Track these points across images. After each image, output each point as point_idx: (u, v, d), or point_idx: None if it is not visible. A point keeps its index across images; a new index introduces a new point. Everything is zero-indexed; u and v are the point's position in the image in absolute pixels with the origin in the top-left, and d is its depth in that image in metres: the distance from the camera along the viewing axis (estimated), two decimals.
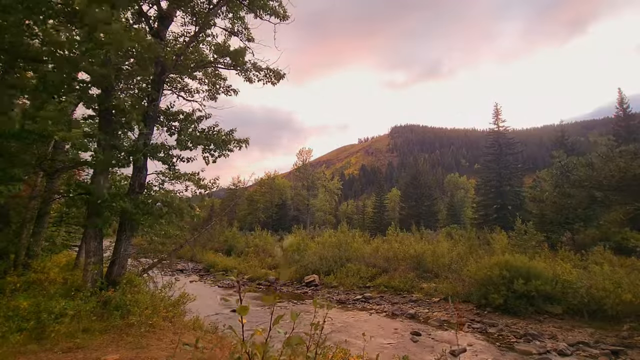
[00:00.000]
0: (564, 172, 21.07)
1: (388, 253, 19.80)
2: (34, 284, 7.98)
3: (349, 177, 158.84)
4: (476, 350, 8.98)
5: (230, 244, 31.81)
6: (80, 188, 7.97)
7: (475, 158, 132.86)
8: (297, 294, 17.04)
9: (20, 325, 5.69)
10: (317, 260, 20.19)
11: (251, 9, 9.43)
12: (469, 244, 19.99)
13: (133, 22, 8.88)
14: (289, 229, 44.11)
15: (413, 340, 9.75)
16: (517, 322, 11.05)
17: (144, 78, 8.46)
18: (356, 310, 13.51)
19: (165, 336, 6.41)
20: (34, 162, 7.80)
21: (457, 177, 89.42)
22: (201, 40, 9.62)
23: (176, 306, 8.35)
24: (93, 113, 8.57)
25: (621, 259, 15.06)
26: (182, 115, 9.60)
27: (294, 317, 1.15)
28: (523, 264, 12.36)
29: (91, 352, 5.31)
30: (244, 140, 9.62)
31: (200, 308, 10.34)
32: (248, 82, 9.78)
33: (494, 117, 37.78)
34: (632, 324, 9.92)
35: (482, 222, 34.22)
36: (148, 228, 8.70)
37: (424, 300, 14.33)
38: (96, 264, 7.59)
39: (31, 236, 9.59)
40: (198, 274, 23.28)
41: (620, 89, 36.36)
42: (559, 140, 39.22)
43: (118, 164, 7.87)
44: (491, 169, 36.60)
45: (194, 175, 9.00)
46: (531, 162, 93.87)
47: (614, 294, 10.58)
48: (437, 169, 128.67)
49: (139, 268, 9.95)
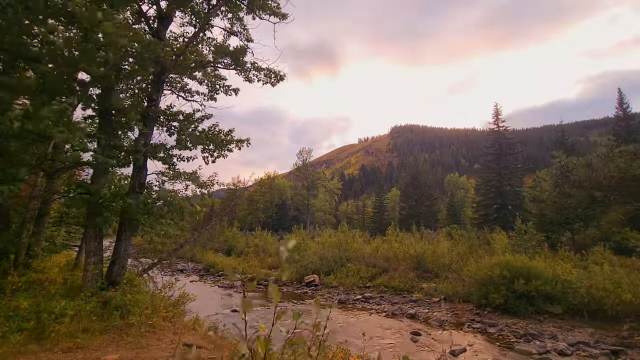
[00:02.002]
0: (563, 172, 21.06)
1: (388, 253, 19.80)
2: (34, 284, 7.97)
3: (349, 177, 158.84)
4: (476, 350, 8.98)
5: (230, 244, 31.82)
6: (80, 188, 7.96)
7: (475, 158, 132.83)
8: (297, 294, 17.03)
9: (21, 325, 5.69)
10: (317, 260, 20.19)
11: (250, 9, 9.43)
12: (469, 244, 19.99)
13: (133, 22, 8.88)
14: (289, 229, 44.11)
15: (413, 340, 9.74)
16: (517, 322, 11.05)
17: (144, 78, 8.46)
18: (356, 310, 13.50)
19: (165, 336, 6.41)
20: (34, 162, 7.78)
21: (457, 177, 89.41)
22: (200, 41, 9.61)
23: (176, 306, 8.34)
24: (93, 113, 8.56)
25: (621, 259, 15.07)
26: (182, 115, 9.60)
27: (296, 316, 1.14)
28: (523, 264, 12.36)
29: (91, 352, 5.30)
30: (244, 140, 9.63)
31: (200, 308, 10.34)
32: (248, 82, 9.78)
33: (493, 117, 37.82)
34: (632, 324, 9.92)
35: (482, 222, 34.23)
36: (148, 228, 8.69)
37: (424, 300, 14.32)
38: (96, 264, 7.59)
39: (31, 236, 9.59)
40: (198, 274, 23.28)
41: (620, 89, 36.38)
42: (559, 140, 39.24)
43: (118, 164, 7.87)
44: (491, 169, 36.61)
45: (193, 174, 9.00)
46: (531, 162, 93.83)
47: (614, 293, 10.58)
48: (437, 169, 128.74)
49: (139, 268, 9.94)
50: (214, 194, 62.61)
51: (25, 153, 7.24)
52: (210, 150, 9.40)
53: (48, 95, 5.92)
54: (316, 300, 1.19)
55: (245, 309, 1.01)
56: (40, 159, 8.19)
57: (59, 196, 9.73)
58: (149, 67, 7.40)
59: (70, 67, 5.90)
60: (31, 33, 6.60)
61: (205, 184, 9.34)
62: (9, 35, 5.66)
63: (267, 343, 1.04)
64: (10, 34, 5.63)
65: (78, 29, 5.61)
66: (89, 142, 7.73)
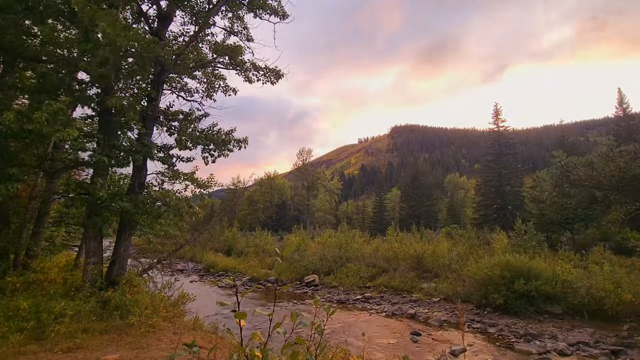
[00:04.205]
0: (563, 172, 21.04)
1: (388, 253, 19.78)
2: (34, 284, 7.98)
3: (349, 177, 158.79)
4: (476, 350, 8.98)
5: (230, 244, 31.79)
6: (80, 188, 7.96)
7: (475, 158, 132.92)
8: (297, 294, 17.03)
9: (20, 325, 5.69)
10: (317, 260, 20.17)
11: (250, 9, 9.42)
12: (469, 244, 19.97)
13: (133, 21, 8.88)
14: (289, 229, 44.10)
15: (413, 340, 9.74)
16: (517, 322, 11.04)
17: (144, 78, 8.46)
18: (356, 310, 13.50)
19: (165, 336, 6.41)
20: (34, 162, 7.78)
21: (457, 177, 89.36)
22: (201, 40, 9.61)
23: (176, 306, 8.35)
24: (92, 113, 8.56)
25: (621, 259, 15.07)
26: (181, 115, 9.59)
27: (293, 317, 1.14)
28: (523, 264, 12.34)
29: (91, 352, 5.30)
30: (244, 140, 9.62)
31: (200, 308, 10.33)
32: (248, 83, 9.77)
33: (493, 117, 37.81)
34: (632, 324, 9.92)
35: (482, 222, 34.24)
36: (147, 228, 8.69)
37: (424, 300, 14.31)
38: (96, 264, 7.58)
39: (31, 236, 9.58)
40: (198, 274, 23.27)
41: (620, 89, 36.38)
42: (559, 140, 39.24)
43: (117, 164, 7.86)
44: (491, 169, 36.61)
45: (192, 174, 8.99)
46: (531, 162, 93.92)
47: (614, 293, 10.58)
48: (437, 169, 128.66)
49: (139, 268, 9.94)
50: (213, 194, 62.57)
51: (24, 153, 7.24)
52: (210, 150, 9.40)
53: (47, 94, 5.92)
54: (314, 301, 1.19)
55: (239, 317, 1.01)
56: (40, 159, 8.19)
57: (58, 196, 9.73)
58: (148, 67, 7.39)
59: (70, 67, 5.90)
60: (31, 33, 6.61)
61: (204, 183, 9.33)
62: (8, 35, 5.66)
63: (263, 353, 1.03)
64: (10, 34, 5.63)
65: (78, 28, 5.61)
66: (88, 142, 7.72)
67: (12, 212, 10.14)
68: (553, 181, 23.23)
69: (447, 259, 17.09)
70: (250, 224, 52.91)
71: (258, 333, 1.08)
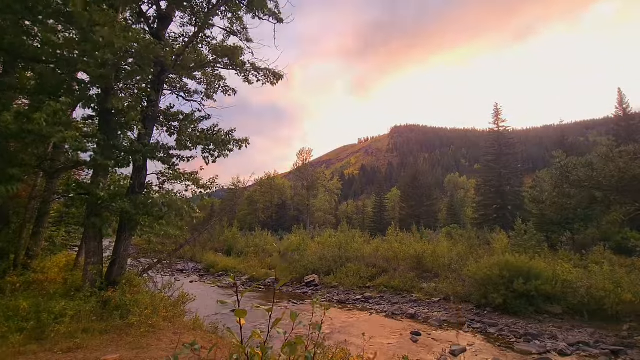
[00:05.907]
0: (563, 172, 21.04)
1: (388, 253, 19.78)
2: (34, 284, 7.98)
3: (349, 177, 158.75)
4: (476, 350, 8.98)
5: (230, 244, 31.78)
6: (80, 188, 7.96)
7: (475, 158, 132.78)
8: (297, 294, 17.03)
9: (20, 325, 5.69)
10: (317, 260, 20.17)
11: (250, 9, 9.43)
12: (468, 244, 19.97)
13: (132, 22, 8.88)
14: (289, 229, 44.09)
15: (413, 340, 9.74)
16: (517, 322, 11.05)
17: (144, 78, 8.47)
18: (356, 310, 13.50)
19: (165, 336, 6.41)
20: (34, 162, 7.79)
21: (457, 177, 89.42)
22: (200, 41, 9.62)
23: (176, 306, 8.35)
24: (93, 113, 8.57)
25: (621, 259, 15.07)
26: (181, 116, 9.60)
27: (293, 317, 1.14)
28: (523, 264, 12.35)
29: (91, 352, 5.31)
30: (244, 140, 9.62)
31: (200, 308, 10.33)
32: (248, 83, 9.78)
33: (494, 117, 37.82)
34: (632, 323, 9.92)
35: (482, 222, 34.24)
36: (148, 228, 8.69)
37: (424, 300, 14.32)
38: (96, 264, 7.59)
39: (31, 236, 9.59)
40: (198, 274, 23.27)
41: (620, 89, 36.39)
42: (559, 140, 39.24)
43: (117, 164, 7.86)
44: (491, 169, 36.62)
45: (193, 174, 8.99)
46: (531, 162, 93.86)
47: (614, 293, 10.58)
48: (437, 169, 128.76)
49: (139, 268, 9.94)
50: (214, 194, 62.57)
51: (24, 153, 7.25)
52: (210, 150, 9.40)
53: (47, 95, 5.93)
54: (312, 301, 1.19)
55: (239, 315, 1.01)
56: (40, 159, 8.20)
57: (58, 196, 9.74)
58: (148, 68, 7.40)
59: (70, 67, 5.91)
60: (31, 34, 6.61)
61: (205, 184, 9.33)
62: (8, 35, 5.66)
63: (263, 350, 1.04)
64: (10, 34, 5.64)
65: (77, 29, 5.62)
66: (89, 142, 7.74)
67: (12, 212, 10.15)
68: (553, 181, 23.23)
69: (447, 259, 17.09)
70: (250, 224, 52.90)
71: (258, 331, 1.09)
